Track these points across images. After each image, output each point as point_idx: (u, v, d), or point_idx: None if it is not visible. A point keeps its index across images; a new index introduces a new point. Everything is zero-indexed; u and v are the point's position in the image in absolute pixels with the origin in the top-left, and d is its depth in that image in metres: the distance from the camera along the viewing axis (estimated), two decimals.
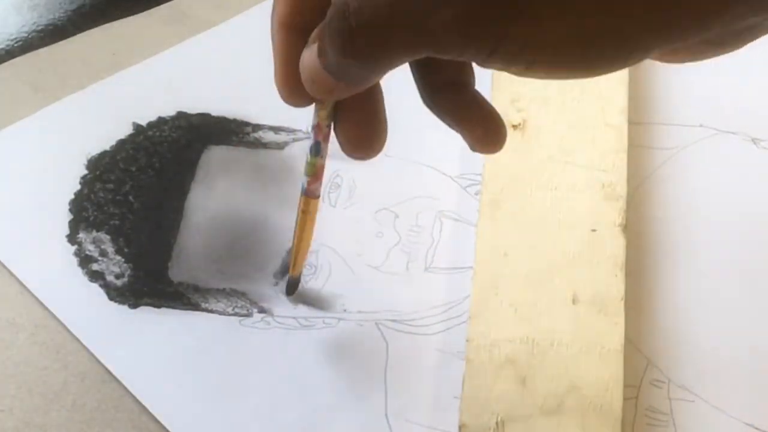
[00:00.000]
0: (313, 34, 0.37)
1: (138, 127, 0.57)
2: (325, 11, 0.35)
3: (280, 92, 0.40)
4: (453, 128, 0.40)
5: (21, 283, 0.50)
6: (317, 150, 0.43)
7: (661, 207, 0.53)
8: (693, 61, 0.37)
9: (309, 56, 0.37)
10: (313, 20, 0.37)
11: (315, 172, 0.44)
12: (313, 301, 0.50)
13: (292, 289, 0.49)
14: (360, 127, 0.41)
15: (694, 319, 0.49)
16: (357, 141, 0.41)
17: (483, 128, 0.40)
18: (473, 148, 0.41)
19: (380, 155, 0.55)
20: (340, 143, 0.41)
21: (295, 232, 0.46)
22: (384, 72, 0.36)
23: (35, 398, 0.46)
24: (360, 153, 0.41)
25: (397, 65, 0.35)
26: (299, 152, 0.56)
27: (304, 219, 0.45)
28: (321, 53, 0.36)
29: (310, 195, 0.45)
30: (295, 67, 0.38)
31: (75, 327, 0.49)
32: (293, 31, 0.39)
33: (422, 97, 0.41)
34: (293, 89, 0.39)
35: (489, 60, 0.33)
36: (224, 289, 0.50)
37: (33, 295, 0.50)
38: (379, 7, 0.32)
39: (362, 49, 0.34)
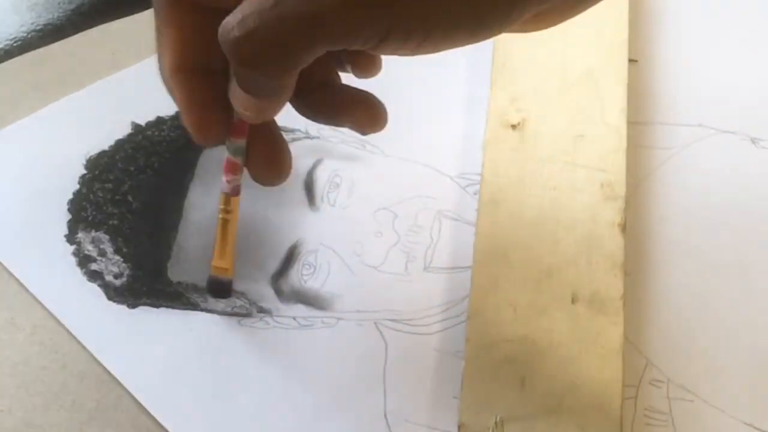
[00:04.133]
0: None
1: (137, 127, 0.57)
2: (210, 47, 0.36)
3: (193, 135, 0.41)
4: (334, 123, 0.42)
5: (20, 283, 0.50)
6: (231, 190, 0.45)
7: (660, 207, 0.53)
8: (549, 27, 0.38)
9: (233, 86, 0.38)
10: (202, 59, 0.39)
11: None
12: (312, 301, 0.50)
13: (219, 291, 0.49)
14: (268, 161, 0.43)
15: (694, 318, 0.49)
16: (266, 174, 0.44)
17: (362, 110, 0.42)
18: (363, 132, 0.43)
19: (380, 155, 0.55)
20: (252, 176, 0.44)
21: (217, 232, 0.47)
22: (291, 76, 0.37)
23: (34, 398, 0.46)
24: (269, 183, 0.44)
25: (301, 65, 0.35)
26: (298, 152, 0.56)
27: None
28: (234, 75, 0.37)
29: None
30: (199, 107, 0.39)
31: (74, 327, 0.49)
32: (187, 74, 0.40)
33: (295, 105, 0.42)
34: (204, 128, 0.40)
35: (383, 43, 0.34)
36: None
37: (32, 295, 0.50)
38: (263, 12, 0.33)
39: (257, 56, 0.34)
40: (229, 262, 0.48)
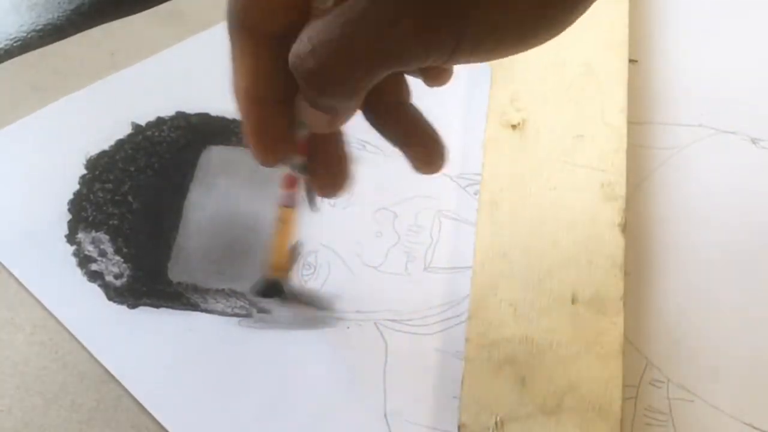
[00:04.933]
0: None
1: (137, 127, 0.57)
2: (283, 75, 0.35)
3: (259, 159, 0.40)
4: (397, 147, 0.42)
5: (20, 283, 0.50)
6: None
7: (660, 207, 0.53)
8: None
9: (301, 102, 0.38)
10: (274, 88, 0.38)
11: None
12: (312, 301, 0.50)
13: (273, 290, 0.49)
14: (330, 174, 0.42)
15: (693, 318, 0.49)
16: (330, 187, 0.43)
17: (425, 148, 0.41)
18: (416, 169, 0.42)
19: (380, 155, 0.55)
20: (316, 190, 0.43)
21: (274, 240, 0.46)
22: (361, 95, 0.36)
23: (34, 398, 0.46)
24: (330, 195, 0.43)
25: (370, 86, 0.35)
26: None
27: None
28: (305, 96, 0.36)
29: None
30: (269, 134, 0.39)
31: (74, 327, 0.49)
32: (260, 101, 0.39)
33: (368, 119, 0.41)
34: (272, 153, 0.40)
35: (453, 55, 0.33)
36: (223, 290, 0.50)
37: (32, 295, 0.50)
38: (333, 41, 0.33)
39: (332, 84, 0.34)
40: (285, 266, 0.48)
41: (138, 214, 0.53)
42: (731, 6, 0.63)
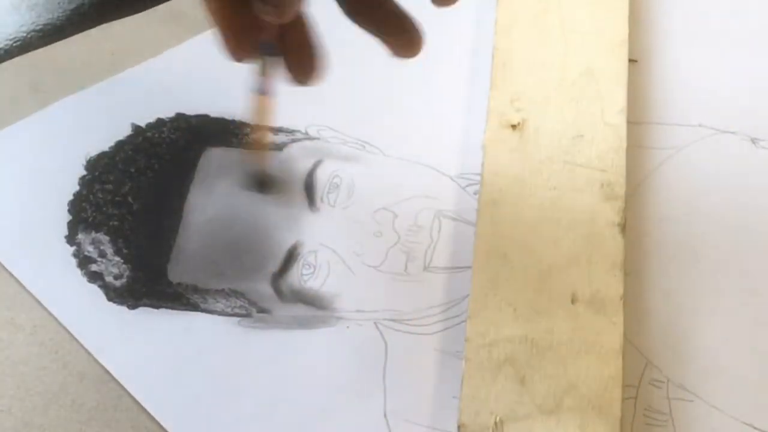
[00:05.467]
0: None
1: (137, 129, 0.57)
2: None
3: (230, 54, 0.43)
4: (376, 37, 0.43)
5: (20, 284, 0.50)
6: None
7: (660, 206, 0.53)
8: None
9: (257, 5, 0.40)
10: None
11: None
12: (312, 301, 0.50)
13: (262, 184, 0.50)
14: (303, 56, 0.45)
15: (693, 318, 0.49)
16: (303, 69, 0.45)
17: (403, 35, 0.43)
18: (395, 55, 0.44)
19: (380, 155, 0.55)
20: (290, 75, 0.45)
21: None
22: None
23: (34, 398, 0.46)
24: (304, 82, 0.45)
25: None
26: (298, 153, 0.56)
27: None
28: None
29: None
30: (235, 31, 0.42)
31: (74, 327, 0.49)
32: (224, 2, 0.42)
33: (346, 13, 0.43)
34: (239, 50, 0.43)
35: None
36: (223, 290, 0.50)
37: (32, 296, 0.50)
38: None
39: None
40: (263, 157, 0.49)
41: (138, 215, 0.53)
42: (731, 6, 0.64)
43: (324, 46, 0.44)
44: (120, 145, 0.56)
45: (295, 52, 0.44)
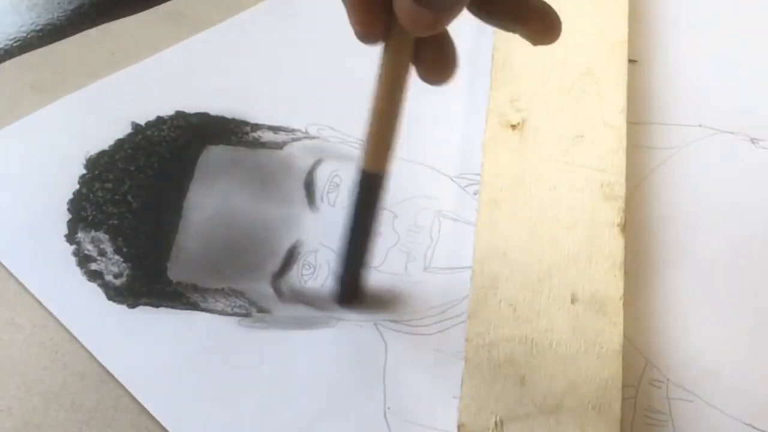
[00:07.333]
0: None
1: (137, 127, 0.57)
2: None
3: (356, 32, 0.40)
4: (512, 29, 0.42)
5: (20, 283, 0.50)
6: None
7: (659, 206, 0.53)
8: None
9: (405, 3, 0.38)
10: None
11: None
12: (312, 301, 0.50)
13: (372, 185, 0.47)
14: (435, 60, 0.42)
15: (693, 318, 0.49)
16: (439, 68, 0.42)
17: (540, 20, 0.42)
18: (534, 42, 0.43)
19: None
20: (420, 75, 0.42)
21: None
22: None
23: (34, 398, 0.46)
24: (436, 82, 0.42)
25: None
26: (298, 152, 0.56)
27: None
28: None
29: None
30: (366, 7, 0.40)
31: (74, 327, 0.49)
32: None
33: (473, 12, 0.42)
34: (368, 26, 0.40)
35: None
36: (223, 289, 0.50)
37: (32, 295, 0.50)
38: None
39: None
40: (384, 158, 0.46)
41: (138, 213, 0.53)
42: (731, 6, 0.64)
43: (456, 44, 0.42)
44: (120, 144, 0.56)
45: (430, 48, 0.42)
